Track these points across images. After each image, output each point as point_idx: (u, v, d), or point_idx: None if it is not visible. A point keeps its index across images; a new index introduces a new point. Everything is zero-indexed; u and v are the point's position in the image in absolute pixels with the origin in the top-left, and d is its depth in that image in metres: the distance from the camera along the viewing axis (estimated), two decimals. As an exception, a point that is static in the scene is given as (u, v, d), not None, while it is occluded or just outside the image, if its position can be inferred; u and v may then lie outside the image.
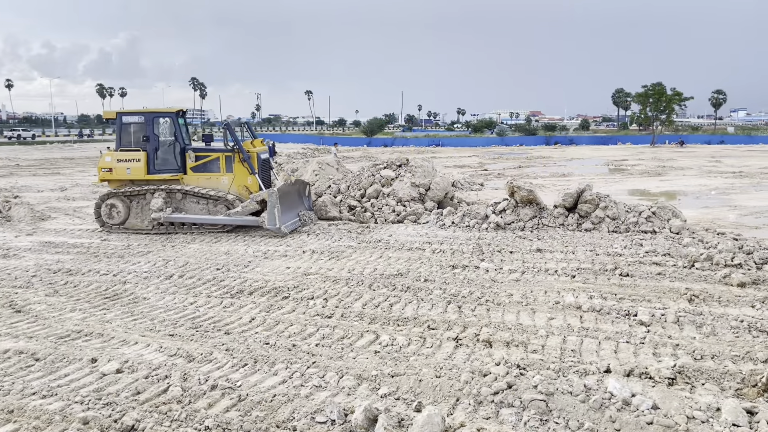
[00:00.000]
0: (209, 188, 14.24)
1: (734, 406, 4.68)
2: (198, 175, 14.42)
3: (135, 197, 14.29)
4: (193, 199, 14.07)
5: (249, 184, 14.26)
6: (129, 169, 14.19)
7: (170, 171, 14.35)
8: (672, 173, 29.33)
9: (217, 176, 14.39)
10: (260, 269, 10.28)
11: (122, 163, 14.24)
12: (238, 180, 14.31)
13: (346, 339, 6.90)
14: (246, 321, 7.63)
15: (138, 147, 14.21)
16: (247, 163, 14.12)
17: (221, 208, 13.93)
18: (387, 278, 9.41)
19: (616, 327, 7.04)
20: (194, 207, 14.10)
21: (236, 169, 14.27)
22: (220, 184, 14.36)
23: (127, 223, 14.30)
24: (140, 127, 14.30)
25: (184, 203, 14.14)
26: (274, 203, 13.00)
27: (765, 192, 21.30)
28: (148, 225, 14.13)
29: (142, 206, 14.26)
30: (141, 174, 14.17)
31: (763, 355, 5.80)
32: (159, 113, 14.61)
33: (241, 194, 14.25)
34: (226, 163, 14.34)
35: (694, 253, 10.19)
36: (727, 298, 7.99)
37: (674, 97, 63.58)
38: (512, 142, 66.63)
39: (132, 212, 14.32)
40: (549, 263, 10.27)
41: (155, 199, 13.90)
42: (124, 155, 14.27)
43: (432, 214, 15.00)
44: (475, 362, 6.09)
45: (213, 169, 14.45)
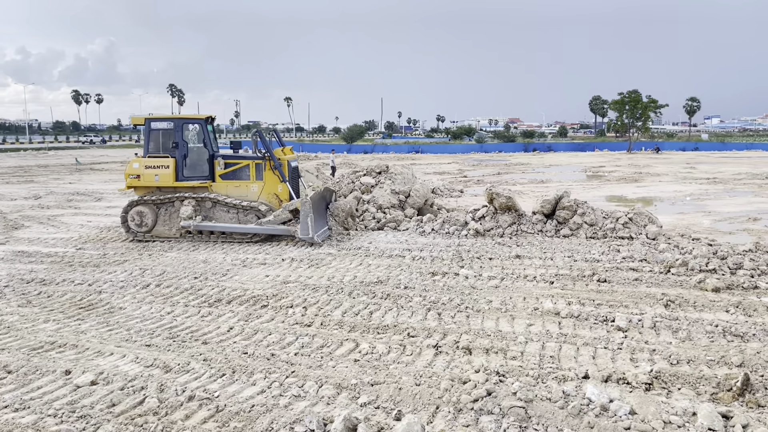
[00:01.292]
0: (238, 196, 14.09)
1: (710, 411, 4.74)
2: (227, 183, 14.25)
3: (163, 205, 14.06)
4: (223, 207, 13.89)
5: (279, 192, 14.14)
6: (157, 176, 13.97)
7: (199, 178, 14.17)
8: (648, 179, 29.75)
9: (246, 184, 14.22)
10: (239, 277, 10.19)
11: (150, 170, 14.00)
12: (268, 188, 14.17)
13: (326, 348, 6.86)
14: (224, 330, 7.55)
15: (166, 153, 14.02)
16: (278, 171, 13.99)
17: (251, 217, 13.75)
18: (367, 286, 9.39)
19: (594, 333, 7.09)
20: (224, 216, 13.90)
21: (266, 176, 14.13)
22: (250, 192, 14.19)
23: (155, 230, 14.04)
24: (169, 134, 14.09)
25: (213, 211, 13.95)
26: (307, 212, 12.79)
27: (738, 198, 21.69)
28: (175, 233, 13.93)
29: (171, 214, 14.03)
30: (169, 181, 13.94)
31: (737, 359, 5.88)
32: (188, 119, 14.49)
33: (271, 202, 14.12)
34: (256, 171, 14.19)
35: (670, 258, 10.34)
36: (702, 303, 8.10)
37: (650, 105, 64.61)
38: (491, 149, 67.13)
39: (160, 220, 14.08)
40: (528, 270, 10.34)
41: (185, 207, 13.68)
42: (153, 162, 14.02)
43: (412, 221, 15.02)
44: (454, 369, 6.09)
45: (242, 176, 14.29)
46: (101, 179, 31.58)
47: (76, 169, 38.98)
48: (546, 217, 13.97)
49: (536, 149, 66.32)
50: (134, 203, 14.05)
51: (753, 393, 5.14)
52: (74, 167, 40.89)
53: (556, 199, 13.88)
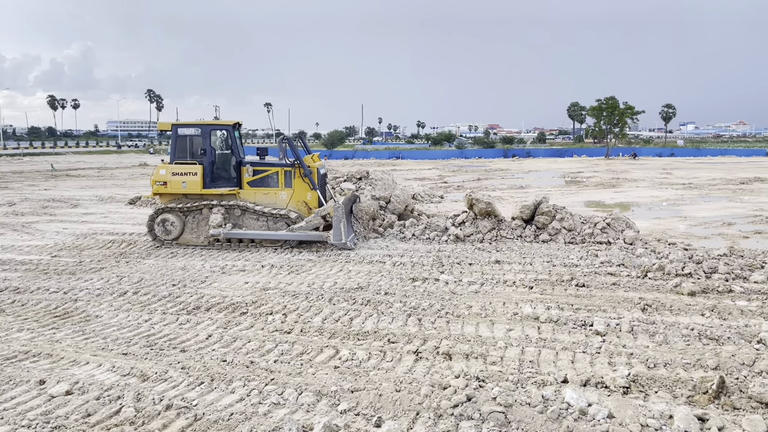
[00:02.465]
0: (266, 203, 13.93)
1: (686, 413, 4.80)
2: (255, 190, 14.06)
3: (191, 212, 13.88)
4: (253, 215, 13.74)
5: (309, 200, 14.01)
6: (185, 183, 13.72)
7: (226, 185, 13.97)
8: (625, 185, 30.12)
9: (275, 191, 14.06)
10: (218, 284, 10.11)
11: (177, 177, 13.74)
12: (297, 195, 14.02)
13: (306, 354, 6.82)
14: (203, 338, 7.47)
15: (194, 160, 13.82)
16: (308, 179, 13.87)
17: (281, 224, 13.62)
18: (347, 292, 9.37)
19: (573, 337, 7.15)
20: (253, 223, 13.75)
21: (296, 184, 14.00)
22: (279, 200, 14.03)
23: (182, 238, 13.85)
24: (196, 140, 13.89)
25: (242, 219, 13.80)
26: (339, 218, 12.73)
27: (713, 203, 22.05)
28: (203, 240, 13.76)
29: (198, 221, 13.86)
30: (197, 188, 13.71)
31: (713, 362, 5.97)
32: (216, 125, 14.29)
33: (300, 210, 13.97)
34: (285, 178, 14.04)
35: (647, 263, 10.46)
36: (678, 307, 8.21)
37: (626, 111, 65.56)
38: (471, 155, 67.48)
39: (187, 228, 13.89)
40: (507, 275, 10.39)
41: (214, 214, 13.48)
42: (180, 168, 13.77)
43: (394, 227, 15.01)
44: (435, 375, 6.09)
45: (271, 183, 14.11)
46: (77, 185, 31.15)
47: (52, 176, 38.41)
48: (525, 222, 14.07)
49: (515, 155, 66.82)
50: (160, 210, 13.86)
51: (728, 395, 5.22)
52: (50, 173, 40.30)
53: (535, 205, 13.99)
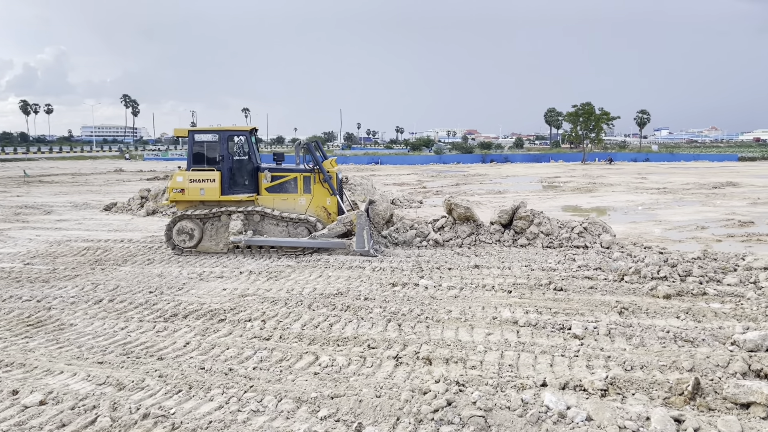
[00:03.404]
0: (285, 209, 13.80)
1: (662, 415, 4.86)
2: (273, 196, 13.92)
3: (209, 219, 13.67)
4: (273, 221, 13.59)
5: (328, 206, 13.92)
6: (203, 190, 13.50)
7: (244, 191, 13.80)
8: (602, 189, 30.50)
9: (294, 197, 13.93)
10: (195, 291, 10.00)
11: (195, 184, 13.52)
12: (316, 201, 13.92)
13: (285, 361, 6.78)
14: (180, 345, 7.38)
15: (212, 166, 13.60)
16: (328, 184, 13.77)
17: (301, 229, 13.49)
18: (327, 298, 9.33)
19: (552, 341, 7.21)
20: (273, 229, 13.60)
21: (315, 189, 13.90)
22: (297, 205, 13.90)
23: (201, 246, 13.65)
24: (213, 146, 13.66)
25: (261, 225, 13.63)
26: (363, 225, 12.65)
27: (687, 207, 22.43)
28: (223, 248, 13.56)
29: (217, 228, 13.67)
30: (215, 195, 13.50)
31: (688, 364, 6.05)
32: (233, 131, 14.08)
33: (319, 215, 13.88)
34: (304, 184, 13.91)
35: (624, 266, 10.60)
36: (654, 310, 8.32)
37: (602, 117, 66.48)
38: (450, 160, 67.82)
39: (206, 235, 13.69)
40: (486, 279, 10.45)
41: (234, 221, 13.30)
42: (197, 175, 13.55)
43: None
44: (415, 380, 6.09)
45: (289, 189, 13.98)
46: (51, 192, 30.64)
47: (24, 182, 37.74)
48: (503, 227, 14.17)
49: (493, 160, 67.34)
50: (179, 218, 13.65)
51: (703, 397, 5.29)
52: (22, 179, 39.58)
53: (513, 210, 14.10)
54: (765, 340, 6.57)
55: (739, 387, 5.16)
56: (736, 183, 32.51)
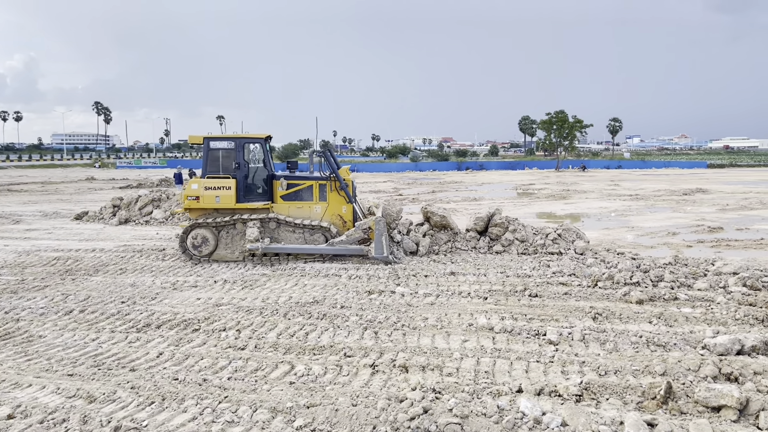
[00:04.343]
0: (300, 217, 13.69)
1: (636, 419, 4.91)
2: (288, 204, 13.81)
3: (224, 227, 13.51)
4: (289, 228, 13.47)
5: (344, 213, 13.85)
6: (218, 198, 13.33)
7: (259, 199, 13.69)
8: (575, 196, 30.88)
9: (309, 204, 13.84)
10: (169, 301, 9.86)
11: (210, 191, 13.34)
12: (332, 208, 13.84)
13: (260, 371, 6.71)
14: (153, 356, 7.26)
15: (227, 174, 13.44)
16: (344, 192, 13.72)
17: (318, 236, 13.42)
18: (302, 306, 9.28)
19: (527, 347, 7.25)
20: (290, 236, 13.49)
21: (331, 197, 13.82)
22: (313, 213, 13.81)
23: (216, 254, 13.48)
24: (228, 153, 13.52)
25: (278, 232, 13.51)
26: (381, 231, 12.59)
27: (658, 213, 22.82)
28: (239, 256, 13.40)
29: (232, 236, 13.51)
30: (231, 202, 13.33)
31: (660, 368, 6.13)
32: (249, 139, 13.92)
33: (335, 223, 13.78)
34: (320, 192, 13.83)
35: (597, 272, 10.72)
36: (627, 315, 8.42)
37: (576, 124, 67.42)
38: (426, 168, 68.09)
39: (221, 243, 13.52)
40: (462, 286, 10.48)
41: (250, 229, 13.15)
42: (213, 182, 13.38)
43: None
44: (391, 388, 6.07)
45: (305, 197, 13.89)
46: (20, 200, 30.00)
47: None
48: (479, 234, 14.25)
49: (469, 168, 67.78)
50: (193, 226, 13.44)
51: (675, 400, 5.37)
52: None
53: (489, 217, 14.19)
54: (734, 344, 6.69)
55: (710, 390, 5.24)
56: (705, 190, 33.19)
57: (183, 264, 13.05)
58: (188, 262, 13.30)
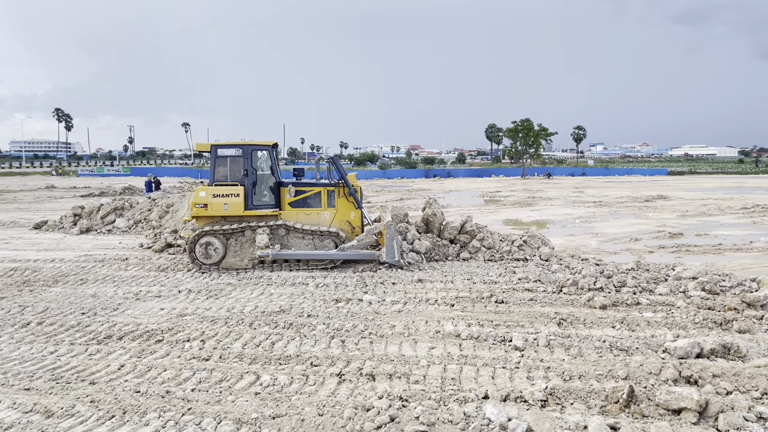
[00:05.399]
0: (308, 223, 13.58)
1: (599, 423, 4.97)
2: (297, 211, 13.71)
3: (233, 235, 13.31)
4: (299, 234, 13.37)
5: (352, 219, 13.82)
6: (227, 205, 13.16)
7: (267, 207, 13.54)
8: (541, 203, 31.31)
9: (317, 211, 13.76)
10: (131, 312, 9.65)
11: (219, 199, 13.17)
12: (340, 215, 13.81)
13: (225, 381, 6.61)
14: (114, 368, 7.09)
15: (235, 181, 13.26)
16: (353, 198, 13.69)
17: (328, 242, 13.31)
18: (269, 315, 9.18)
19: (493, 353, 7.29)
20: (299, 243, 13.38)
21: (339, 203, 13.78)
22: (321, 219, 13.73)
23: (224, 262, 13.26)
24: (236, 161, 13.34)
25: (287, 239, 13.37)
26: (392, 236, 12.59)
27: (621, 220, 23.26)
28: (248, 263, 13.22)
29: (241, 244, 13.30)
30: (239, 210, 13.19)
31: (623, 372, 6.23)
32: (257, 146, 13.74)
33: (343, 229, 13.74)
34: (328, 198, 13.78)
35: (562, 278, 10.87)
36: (591, 320, 8.55)
37: (541, 132, 68.49)
38: (394, 175, 68.31)
39: (230, 251, 13.29)
40: (429, 293, 10.51)
41: (260, 235, 12.99)
42: (221, 190, 13.19)
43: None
44: (358, 397, 6.04)
45: (313, 204, 13.81)
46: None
47: (-52, 199, 35.69)
48: (450, 241, 14.31)
49: (437, 175, 68.25)
50: (201, 234, 13.21)
51: (637, 404, 5.45)
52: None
53: (462, 224, 14.30)
54: (694, 348, 6.84)
55: (671, 393, 5.34)
56: (666, 196, 33.99)
57: (146, 274, 12.80)
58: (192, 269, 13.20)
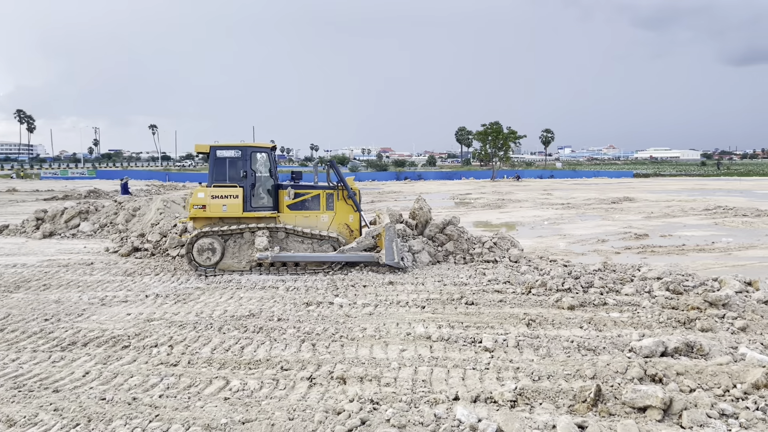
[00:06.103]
0: (307, 226, 13.51)
1: (567, 422, 5.04)
2: (295, 213, 13.62)
3: (231, 236, 13.10)
4: (298, 237, 13.24)
5: (350, 222, 13.78)
6: (225, 206, 13.03)
7: (266, 209, 13.41)
8: (510, 206, 31.64)
9: (316, 214, 13.69)
10: (97, 317, 9.45)
11: (217, 200, 13.01)
12: (339, 218, 13.75)
13: (193, 387, 6.51)
14: (79, 376, 6.93)
15: (234, 183, 13.10)
16: (352, 201, 13.64)
17: (327, 246, 13.23)
18: (238, 320, 9.08)
19: (463, 354, 7.34)
20: (298, 246, 13.26)
21: (338, 206, 13.72)
22: (320, 222, 13.66)
23: (222, 263, 13.06)
24: (235, 162, 13.18)
25: (286, 242, 13.23)
26: (392, 238, 12.52)
27: (588, 221, 23.65)
28: (246, 266, 13.02)
29: (240, 245, 13.11)
30: (238, 211, 13.08)
31: (590, 372, 6.33)
32: (256, 148, 13.61)
33: (342, 232, 13.67)
34: (327, 201, 13.70)
35: (531, 279, 10.99)
36: (559, 321, 8.66)
37: (510, 135, 69.26)
38: (365, 178, 68.31)
39: (228, 252, 13.10)
40: (401, 295, 10.53)
41: (259, 238, 12.84)
42: (220, 191, 13.06)
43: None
44: (329, 401, 6.01)
45: (312, 206, 13.75)
46: (-66, 213, 28.17)
47: None
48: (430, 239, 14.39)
49: (408, 178, 68.47)
50: (199, 235, 13.01)
51: (605, 403, 5.54)
52: None
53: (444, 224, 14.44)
54: (659, 347, 6.99)
55: (636, 392, 5.44)
56: (632, 198, 34.66)
57: (112, 278, 12.56)
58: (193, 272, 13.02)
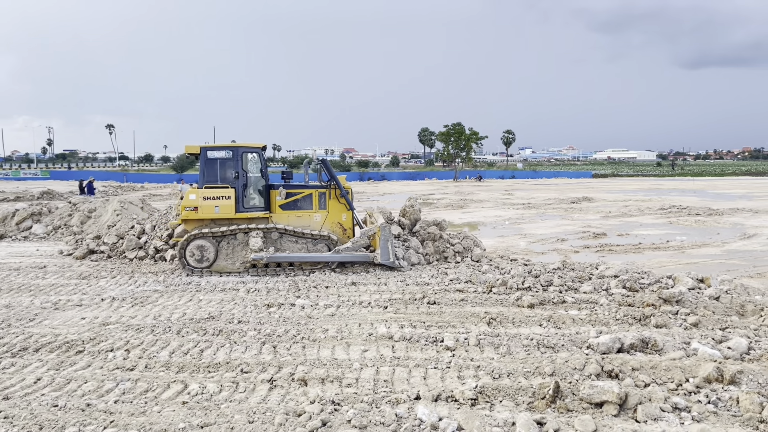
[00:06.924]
0: (300, 226, 13.29)
1: (527, 419, 5.10)
2: (288, 213, 13.42)
3: (224, 238, 12.83)
4: (292, 238, 13.03)
5: (344, 221, 13.61)
6: (217, 208, 12.78)
7: (258, 209, 13.16)
8: (472, 206, 31.95)
9: (309, 213, 13.52)
10: (49, 322, 9.17)
11: (209, 201, 12.75)
12: (332, 217, 13.58)
13: (151, 392, 6.37)
14: (30, 382, 6.71)
15: (225, 184, 12.82)
16: (345, 200, 13.48)
17: (321, 246, 13.04)
18: (197, 323, 8.93)
19: (425, 354, 7.36)
20: (292, 246, 13.04)
21: (330, 205, 13.55)
22: (312, 222, 13.47)
23: (216, 265, 12.81)
24: (226, 163, 12.90)
25: (280, 243, 13.00)
26: (387, 237, 12.41)
27: (549, 221, 24.04)
28: (240, 267, 12.78)
29: (233, 247, 12.86)
30: (230, 212, 12.82)
31: (549, 369, 6.42)
32: (247, 148, 13.30)
33: (335, 231, 13.50)
34: (320, 200, 13.52)
35: (492, 279, 11.11)
36: (519, 319, 8.77)
37: (472, 136, 69.98)
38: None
39: (221, 254, 12.85)
40: (363, 296, 10.51)
41: (254, 238, 12.62)
42: (211, 192, 12.78)
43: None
44: (289, 403, 5.96)
45: (304, 206, 13.57)
46: None
47: None
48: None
49: (371, 178, 68.53)
50: (192, 237, 12.71)
51: (563, 399, 5.63)
52: None
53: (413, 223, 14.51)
54: (615, 343, 7.13)
55: (593, 388, 5.54)
56: (590, 198, 35.38)
57: (66, 282, 12.21)
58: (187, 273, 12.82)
